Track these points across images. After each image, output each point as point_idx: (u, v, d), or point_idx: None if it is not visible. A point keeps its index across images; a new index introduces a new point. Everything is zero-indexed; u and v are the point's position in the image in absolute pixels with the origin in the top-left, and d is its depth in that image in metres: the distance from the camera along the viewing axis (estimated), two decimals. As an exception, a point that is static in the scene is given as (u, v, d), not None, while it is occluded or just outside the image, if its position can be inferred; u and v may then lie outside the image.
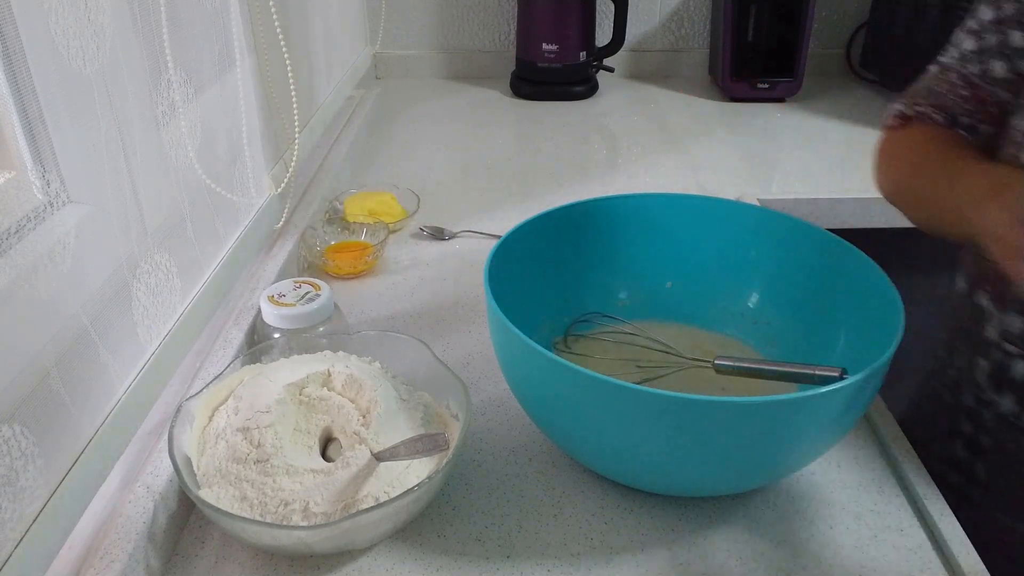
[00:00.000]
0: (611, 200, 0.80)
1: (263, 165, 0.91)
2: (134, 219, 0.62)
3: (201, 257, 0.74)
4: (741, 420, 0.55)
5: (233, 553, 0.61)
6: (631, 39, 1.73)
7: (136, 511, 0.58)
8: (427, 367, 0.70)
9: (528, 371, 0.63)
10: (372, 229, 1.03)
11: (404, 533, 0.63)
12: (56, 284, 0.51)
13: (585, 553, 0.61)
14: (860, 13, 1.74)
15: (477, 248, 1.06)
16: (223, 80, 0.79)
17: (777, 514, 0.65)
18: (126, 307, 0.60)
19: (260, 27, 0.88)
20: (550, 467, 0.69)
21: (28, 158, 0.50)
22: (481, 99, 1.67)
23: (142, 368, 0.62)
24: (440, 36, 1.77)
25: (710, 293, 0.81)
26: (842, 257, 0.71)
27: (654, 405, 0.55)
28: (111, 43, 0.58)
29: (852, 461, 0.70)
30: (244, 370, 0.69)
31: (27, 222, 0.50)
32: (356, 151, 1.36)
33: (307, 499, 0.58)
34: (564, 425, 0.64)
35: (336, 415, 0.64)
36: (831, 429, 0.59)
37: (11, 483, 0.46)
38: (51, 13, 0.50)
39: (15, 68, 0.48)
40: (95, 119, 0.56)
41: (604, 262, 0.81)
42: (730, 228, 0.80)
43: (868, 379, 0.56)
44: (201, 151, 0.74)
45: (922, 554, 0.61)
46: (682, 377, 0.74)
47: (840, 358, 0.69)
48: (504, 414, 0.75)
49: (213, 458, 0.61)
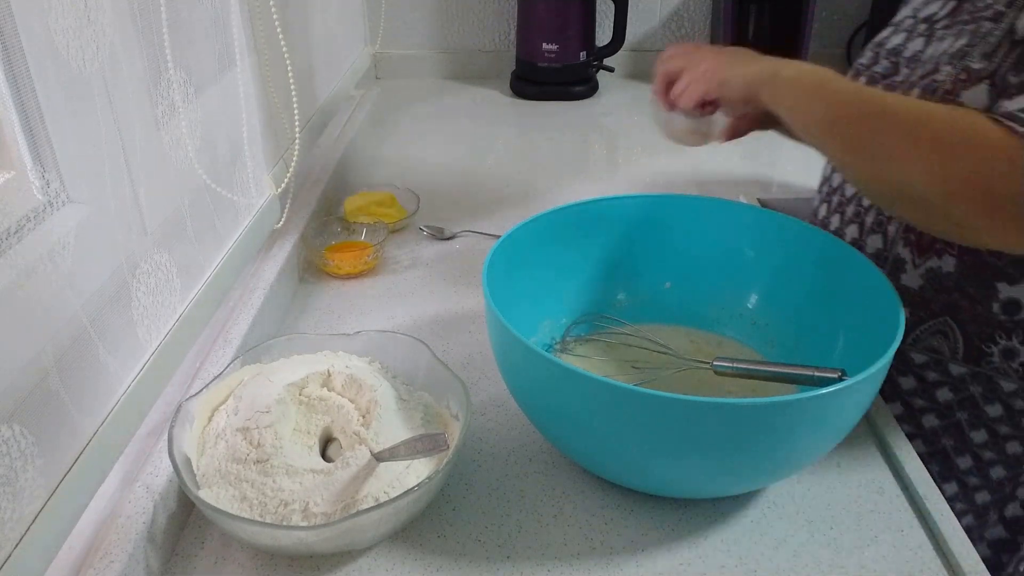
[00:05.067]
0: (610, 200, 0.80)
1: (263, 165, 0.91)
2: (134, 219, 0.61)
3: (201, 257, 0.74)
4: (740, 422, 0.55)
5: (233, 553, 0.61)
6: (631, 39, 1.73)
7: (136, 511, 0.58)
8: (427, 367, 0.70)
9: (526, 373, 0.63)
10: (372, 229, 1.03)
11: (404, 533, 0.63)
12: (56, 284, 0.51)
13: (585, 553, 0.61)
14: (860, 13, 1.74)
15: (477, 248, 1.06)
16: (223, 80, 0.79)
17: (777, 514, 0.65)
18: (126, 307, 0.60)
19: (260, 27, 0.88)
20: (550, 467, 0.69)
21: (28, 158, 0.50)
22: (481, 99, 1.67)
23: (142, 368, 0.62)
24: (440, 36, 1.77)
25: (709, 294, 0.81)
26: (841, 258, 0.71)
27: (652, 407, 0.55)
28: (111, 43, 0.57)
29: (852, 461, 0.70)
30: (244, 370, 0.69)
31: (27, 222, 0.50)
32: (356, 151, 1.36)
33: (307, 499, 0.58)
34: (563, 427, 0.64)
35: (336, 415, 0.64)
36: (831, 430, 0.59)
37: (10, 483, 0.46)
38: (51, 13, 0.50)
39: (15, 68, 0.48)
40: (95, 119, 0.56)
41: (603, 263, 0.81)
42: (729, 228, 0.80)
43: (868, 380, 0.56)
44: (201, 151, 0.74)
45: (922, 554, 0.61)
46: (681, 378, 0.74)
47: (840, 359, 0.69)
48: (504, 414, 0.75)
49: (213, 458, 0.61)
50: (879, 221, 0.76)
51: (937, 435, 0.78)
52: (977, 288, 0.71)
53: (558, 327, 0.80)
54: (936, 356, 0.75)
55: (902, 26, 0.79)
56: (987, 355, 0.72)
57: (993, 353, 0.72)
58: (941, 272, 0.72)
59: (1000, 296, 0.70)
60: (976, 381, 0.74)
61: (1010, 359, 0.72)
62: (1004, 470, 0.76)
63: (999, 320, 0.71)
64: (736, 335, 0.80)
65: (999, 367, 0.72)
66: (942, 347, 0.74)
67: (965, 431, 0.76)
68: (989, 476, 0.77)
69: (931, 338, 0.75)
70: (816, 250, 0.74)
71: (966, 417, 0.76)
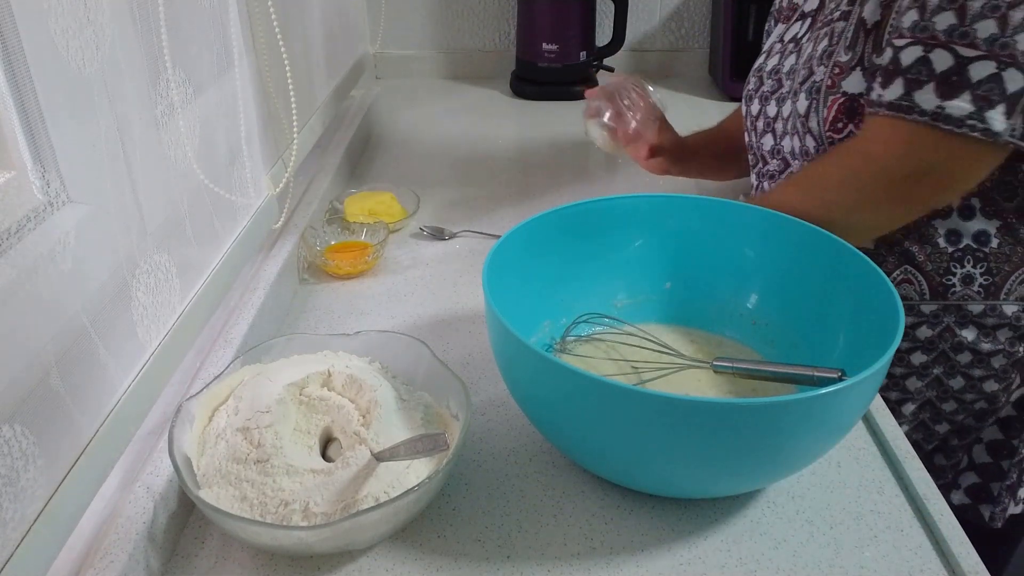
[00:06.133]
0: (610, 200, 0.80)
1: (262, 165, 0.91)
2: (133, 219, 0.62)
3: (200, 257, 0.74)
4: (740, 422, 0.55)
5: (233, 553, 0.61)
6: (631, 39, 1.73)
7: (136, 511, 0.58)
8: (427, 367, 0.70)
9: (526, 373, 0.63)
10: (372, 229, 1.03)
11: (404, 533, 0.63)
12: (56, 284, 0.51)
13: (585, 553, 0.61)
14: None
15: (477, 248, 1.06)
16: (222, 80, 0.79)
17: (777, 514, 0.65)
18: (126, 307, 0.60)
19: (259, 27, 0.88)
20: (550, 467, 0.69)
21: (28, 158, 0.50)
22: (481, 99, 1.67)
23: (142, 368, 0.62)
24: (440, 36, 1.77)
25: (709, 294, 0.81)
26: (841, 257, 0.71)
27: (652, 407, 0.55)
28: (111, 43, 0.57)
29: (852, 461, 0.70)
30: (244, 370, 0.69)
31: (27, 222, 0.50)
32: (356, 151, 1.36)
33: (307, 499, 0.58)
34: (563, 427, 0.64)
35: (336, 415, 0.64)
36: (831, 430, 0.60)
37: (11, 483, 0.46)
38: (51, 13, 0.50)
39: (15, 68, 0.48)
40: (95, 119, 0.56)
41: (603, 263, 0.81)
42: (729, 229, 0.80)
43: (867, 380, 0.56)
44: (200, 151, 0.74)
45: (922, 554, 0.61)
46: (681, 378, 0.74)
47: (839, 359, 0.69)
48: (504, 414, 0.75)
49: (213, 458, 0.61)
50: None
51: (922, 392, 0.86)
52: (920, 231, 0.80)
53: (558, 327, 0.80)
54: (908, 302, 0.82)
55: (773, 51, 0.92)
56: (950, 287, 0.81)
57: (954, 284, 0.81)
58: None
59: (940, 231, 0.80)
60: (947, 312, 0.82)
61: (969, 284, 0.80)
62: (985, 404, 0.86)
63: (948, 252, 0.80)
64: (736, 335, 0.80)
65: (963, 293, 0.81)
66: (910, 293, 0.82)
67: (944, 382, 0.85)
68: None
69: (899, 287, 0.81)
70: (816, 250, 0.74)
71: (942, 371, 0.84)
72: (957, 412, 0.86)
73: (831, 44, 0.79)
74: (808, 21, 0.87)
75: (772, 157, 0.91)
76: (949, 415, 0.86)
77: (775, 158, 0.90)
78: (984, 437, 0.88)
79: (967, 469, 0.90)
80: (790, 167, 0.88)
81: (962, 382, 0.84)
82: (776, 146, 0.89)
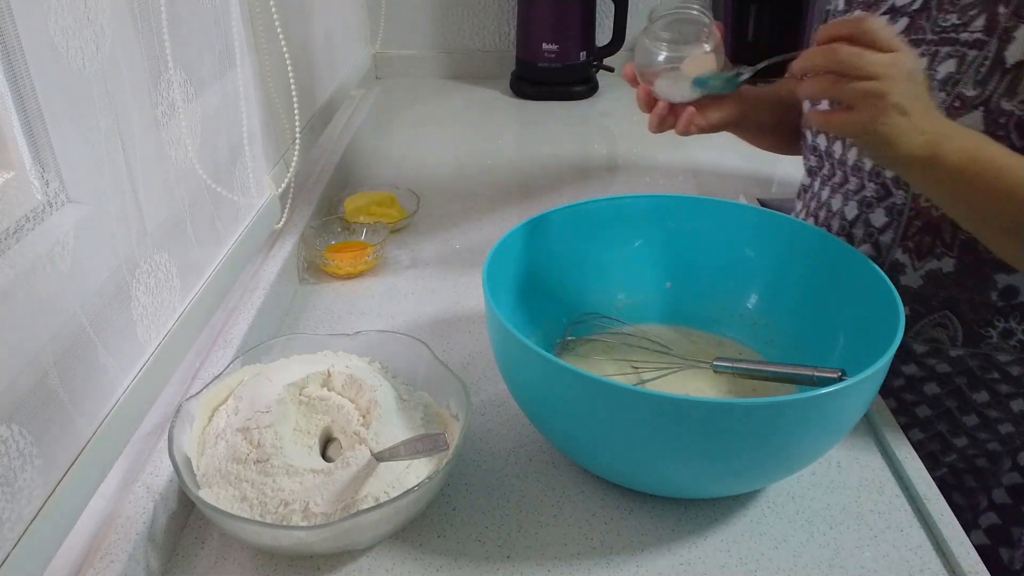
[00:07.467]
0: (610, 200, 0.80)
1: (263, 165, 0.91)
2: (133, 219, 0.61)
3: (201, 257, 0.74)
4: (740, 422, 0.55)
5: (233, 553, 0.61)
6: (631, 39, 1.73)
7: (136, 511, 0.58)
8: (427, 367, 0.70)
9: (526, 373, 0.63)
10: (372, 229, 1.03)
11: (404, 533, 0.63)
12: (55, 284, 0.51)
13: (585, 553, 0.61)
14: (860, 13, 1.73)
15: (477, 248, 1.06)
16: (223, 80, 0.79)
17: (777, 514, 0.65)
18: (125, 307, 0.60)
19: (260, 27, 0.88)
20: (550, 467, 0.69)
21: (27, 158, 0.50)
22: (481, 99, 1.67)
23: (141, 368, 0.62)
24: (440, 36, 1.77)
25: (709, 294, 0.81)
26: (841, 258, 0.71)
27: (652, 407, 0.55)
28: (111, 43, 0.57)
29: (852, 461, 0.70)
30: (244, 370, 0.69)
31: (26, 222, 0.50)
32: (356, 151, 1.36)
33: (307, 499, 0.58)
34: (563, 427, 0.64)
35: (336, 415, 0.64)
36: (831, 430, 0.59)
37: (9, 483, 0.46)
38: (51, 13, 0.50)
39: (14, 68, 0.48)
40: (95, 119, 0.56)
41: (603, 263, 0.81)
42: (729, 229, 0.80)
43: (867, 380, 0.56)
44: (201, 151, 0.74)
45: (922, 554, 0.61)
46: (680, 378, 0.74)
47: (839, 359, 0.69)
48: (504, 414, 0.75)
49: (213, 458, 0.61)
50: (869, 232, 0.78)
51: (931, 422, 0.81)
52: (976, 282, 0.73)
53: (558, 327, 0.80)
54: (937, 345, 0.77)
55: None
56: (986, 338, 0.75)
57: (992, 335, 0.75)
58: (941, 272, 0.74)
59: (999, 285, 0.73)
60: (974, 358, 0.77)
61: (1008, 338, 0.75)
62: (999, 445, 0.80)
63: (998, 306, 0.74)
64: (736, 335, 0.80)
65: (997, 345, 0.76)
66: (942, 337, 0.77)
67: (956, 417, 0.80)
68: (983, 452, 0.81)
69: (931, 330, 0.77)
70: (816, 250, 0.74)
71: (956, 405, 0.79)
72: (968, 448, 0.81)
73: (959, 72, 0.69)
74: (906, 20, 0.74)
75: (853, 175, 0.79)
76: (960, 449, 0.82)
77: (855, 176, 0.79)
78: (1005, 481, 0.83)
79: (987, 509, 0.85)
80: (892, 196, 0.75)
81: (976, 420, 0.80)
82: (858, 162, 0.79)
